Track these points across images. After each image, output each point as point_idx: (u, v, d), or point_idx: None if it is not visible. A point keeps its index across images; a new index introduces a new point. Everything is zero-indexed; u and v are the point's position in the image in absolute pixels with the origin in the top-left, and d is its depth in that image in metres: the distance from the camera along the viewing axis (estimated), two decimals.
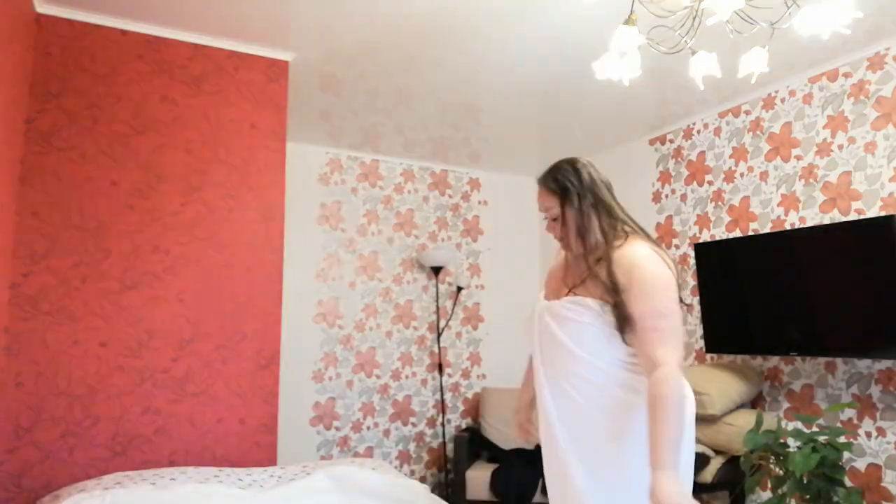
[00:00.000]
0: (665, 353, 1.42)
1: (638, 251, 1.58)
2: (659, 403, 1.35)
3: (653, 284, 1.50)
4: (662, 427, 1.34)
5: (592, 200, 1.66)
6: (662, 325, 1.45)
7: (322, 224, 4.32)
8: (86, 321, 2.44)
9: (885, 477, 2.71)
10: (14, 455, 2.29)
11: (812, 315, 2.84)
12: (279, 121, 2.89)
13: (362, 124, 3.92)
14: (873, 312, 2.61)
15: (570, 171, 1.68)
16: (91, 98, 2.55)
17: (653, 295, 1.48)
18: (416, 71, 3.16)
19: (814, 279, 2.85)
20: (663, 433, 1.33)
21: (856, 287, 2.69)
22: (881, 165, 2.81)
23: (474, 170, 4.93)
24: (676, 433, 1.35)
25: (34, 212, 2.41)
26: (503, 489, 3.68)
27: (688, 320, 3.72)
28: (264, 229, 2.80)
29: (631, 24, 1.92)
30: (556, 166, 1.71)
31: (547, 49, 2.91)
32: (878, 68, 2.85)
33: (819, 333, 2.81)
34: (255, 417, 2.66)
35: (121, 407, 2.45)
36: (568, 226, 1.66)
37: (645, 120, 3.86)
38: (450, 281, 4.73)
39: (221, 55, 2.81)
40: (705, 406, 2.93)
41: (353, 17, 2.64)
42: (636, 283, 1.50)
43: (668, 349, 1.43)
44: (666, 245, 3.93)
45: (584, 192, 1.66)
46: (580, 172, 1.68)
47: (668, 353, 1.42)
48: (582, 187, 1.66)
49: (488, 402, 4.40)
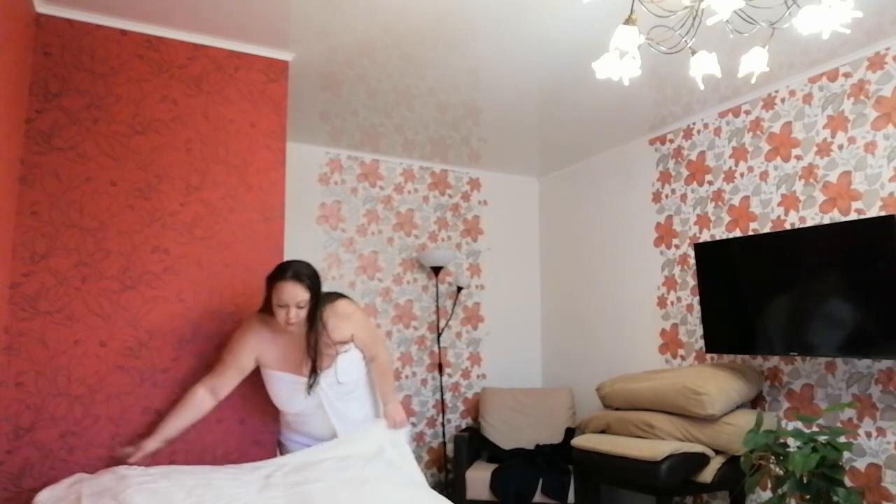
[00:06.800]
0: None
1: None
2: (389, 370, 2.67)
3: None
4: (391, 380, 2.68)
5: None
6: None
7: (322, 224, 4.32)
8: (86, 321, 2.44)
9: (885, 477, 2.71)
10: (14, 455, 2.29)
11: (812, 315, 2.84)
12: (279, 121, 2.89)
13: (362, 124, 3.93)
14: (873, 312, 2.61)
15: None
16: (91, 98, 2.55)
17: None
18: (416, 71, 3.16)
19: (814, 279, 2.85)
20: (391, 383, 2.68)
21: (856, 287, 2.69)
22: (881, 165, 2.81)
23: (474, 170, 4.93)
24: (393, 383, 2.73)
25: (34, 211, 2.41)
26: (503, 489, 3.68)
27: (688, 320, 3.73)
28: (264, 229, 2.80)
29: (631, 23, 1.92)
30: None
31: (547, 49, 2.91)
32: (878, 68, 2.85)
33: (819, 333, 2.81)
34: (255, 417, 2.66)
35: (121, 407, 2.45)
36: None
37: (645, 120, 3.86)
38: (450, 281, 4.73)
39: (221, 55, 2.81)
40: (705, 406, 2.93)
41: (353, 17, 2.64)
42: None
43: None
44: (666, 245, 3.93)
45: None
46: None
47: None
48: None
49: (488, 402, 4.40)
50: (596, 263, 4.49)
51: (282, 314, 2.27)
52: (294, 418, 2.54)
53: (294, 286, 2.24)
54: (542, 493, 3.65)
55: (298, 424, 2.55)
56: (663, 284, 3.92)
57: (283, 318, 2.28)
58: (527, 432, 4.24)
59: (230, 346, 2.44)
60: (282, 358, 2.42)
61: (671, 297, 3.85)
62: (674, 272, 3.85)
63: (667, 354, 3.86)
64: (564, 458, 3.80)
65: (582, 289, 4.62)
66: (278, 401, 2.49)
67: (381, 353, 2.64)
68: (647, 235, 4.07)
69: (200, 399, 2.38)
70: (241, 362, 2.40)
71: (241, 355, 2.40)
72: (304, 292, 2.26)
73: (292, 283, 2.24)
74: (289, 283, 2.24)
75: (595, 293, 4.48)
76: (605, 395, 3.52)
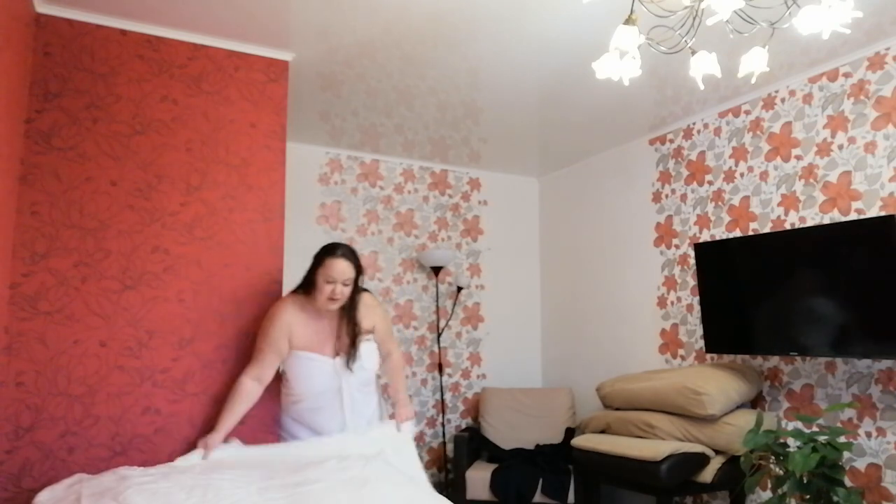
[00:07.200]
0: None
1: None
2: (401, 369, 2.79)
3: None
4: (403, 378, 2.81)
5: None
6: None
7: (322, 224, 4.32)
8: (86, 321, 2.44)
9: (885, 477, 2.71)
10: (14, 455, 2.29)
11: (812, 315, 2.84)
12: (279, 121, 2.89)
13: (362, 124, 3.92)
14: (873, 312, 2.61)
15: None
16: (91, 98, 2.55)
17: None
18: (416, 71, 3.16)
19: (814, 279, 2.85)
20: (404, 380, 2.81)
21: (856, 287, 2.69)
22: (881, 165, 2.81)
23: (474, 170, 4.93)
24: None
25: (34, 211, 2.41)
26: (503, 489, 3.68)
27: (688, 320, 3.73)
28: (264, 229, 2.80)
29: (631, 23, 1.92)
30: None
31: (547, 49, 2.91)
32: (878, 68, 2.85)
33: (819, 333, 2.81)
34: (255, 417, 2.65)
35: (121, 407, 2.45)
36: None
37: (645, 120, 3.86)
38: (450, 281, 4.73)
39: (221, 55, 2.81)
40: (705, 406, 2.93)
41: (353, 17, 2.64)
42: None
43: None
44: (665, 245, 3.93)
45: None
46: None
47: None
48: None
49: (488, 402, 4.40)
50: (596, 263, 4.49)
51: (328, 289, 2.39)
52: (306, 407, 2.56)
53: (345, 263, 2.39)
54: (542, 493, 3.65)
55: (310, 414, 2.57)
56: (663, 284, 3.92)
57: (328, 293, 2.39)
58: (527, 432, 4.24)
59: (264, 333, 2.49)
60: (311, 339, 2.50)
61: (671, 297, 3.85)
62: (674, 272, 3.85)
63: (667, 354, 3.86)
64: (564, 458, 3.80)
65: (582, 289, 4.62)
66: (300, 382, 2.53)
67: (396, 351, 2.77)
68: (647, 235, 4.07)
69: (249, 390, 2.47)
70: (278, 346, 2.47)
71: (277, 339, 2.47)
72: (352, 271, 2.41)
73: (343, 259, 2.39)
74: (340, 259, 2.38)
75: (595, 293, 4.48)
76: (605, 395, 3.52)
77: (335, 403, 2.54)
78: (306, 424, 2.59)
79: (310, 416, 2.57)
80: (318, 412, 2.56)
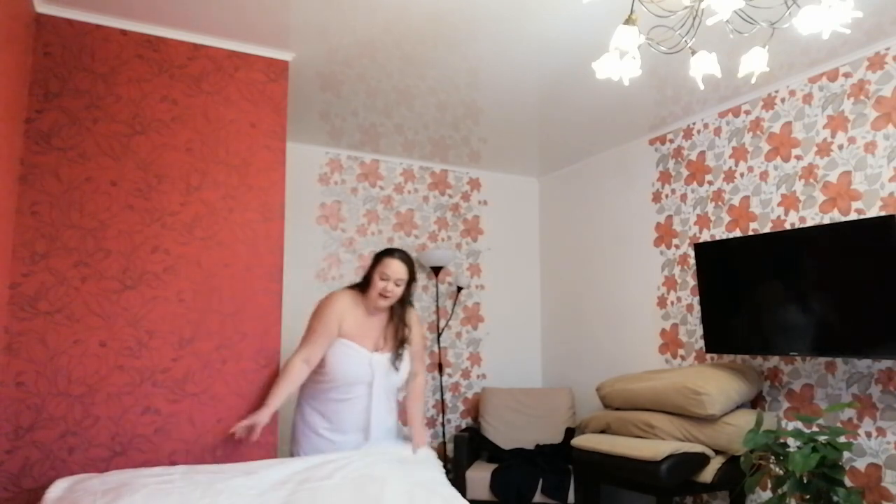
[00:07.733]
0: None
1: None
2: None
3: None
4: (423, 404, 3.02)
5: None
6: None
7: (322, 224, 4.32)
8: (85, 321, 2.44)
9: (885, 477, 2.71)
10: (14, 455, 2.29)
11: (812, 315, 2.84)
12: (279, 121, 2.89)
13: (362, 124, 3.93)
14: (873, 312, 2.61)
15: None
16: (91, 98, 2.55)
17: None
18: (416, 71, 3.16)
19: (813, 279, 2.85)
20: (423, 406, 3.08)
21: (856, 287, 2.69)
22: (881, 165, 2.81)
23: (474, 170, 4.93)
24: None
25: (34, 211, 2.41)
26: (503, 489, 3.68)
27: (688, 320, 3.73)
28: (264, 229, 2.80)
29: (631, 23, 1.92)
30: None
31: (547, 49, 2.91)
32: (878, 68, 2.85)
33: (819, 333, 2.81)
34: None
35: (121, 407, 2.45)
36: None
37: (645, 120, 3.86)
38: (450, 281, 4.73)
39: (221, 55, 2.81)
40: (705, 406, 2.93)
41: (353, 17, 2.64)
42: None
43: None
44: (666, 245, 3.93)
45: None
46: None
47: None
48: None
49: (488, 402, 4.40)
50: (596, 263, 4.49)
51: (381, 285, 2.58)
52: (334, 396, 2.61)
53: (400, 264, 2.60)
54: (542, 493, 3.65)
55: (335, 405, 2.61)
56: (663, 284, 3.92)
57: (381, 289, 2.58)
58: (527, 432, 4.24)
59: (320, 316, 2.62)
60: (356, 331, 2.63)
61: (671, 297, 3.85)
62: (674, 272, 3.85)
63: (667, 354, 3.86)
64: (564, 458, 3.80)
65: (582, 289, 4.61)
66: (335, 367, 2.59)
67: (422, 373, 2.89)
68: (647, 235, 4.07)
69: (299, 369, 2.56)
70: (331, 329, 2.59)
71: (331, 323, 2.59)
72: (405, 273, 2.62)
73: (399, 261, 2.61)
74: (397, 259, 2.61)
75: (595, 293, 4.48)
76: (605, 395, 3.52)
77: (362, 400, 2.61)
78: (327, 416, 2.62)
79: (334, 406, 2.62)
80: (343, 404, 2.61)
